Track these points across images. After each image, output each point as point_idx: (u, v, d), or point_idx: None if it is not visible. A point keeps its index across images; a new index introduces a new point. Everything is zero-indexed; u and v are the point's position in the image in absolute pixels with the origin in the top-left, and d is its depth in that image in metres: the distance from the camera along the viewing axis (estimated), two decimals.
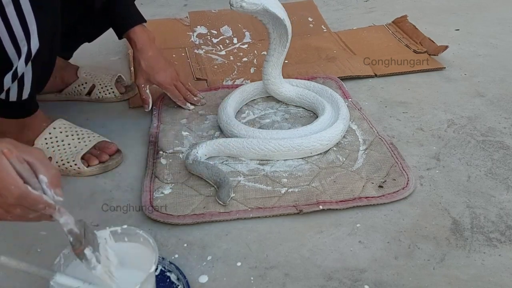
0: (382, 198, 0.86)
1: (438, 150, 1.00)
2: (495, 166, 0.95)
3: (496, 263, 0.75)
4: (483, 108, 1.15)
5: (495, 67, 1.34)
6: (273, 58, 1.06)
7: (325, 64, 1.34)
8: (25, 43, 0.78)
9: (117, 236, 0.66)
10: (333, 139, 0.98)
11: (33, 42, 0.79)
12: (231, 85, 1.26)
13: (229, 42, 1.50)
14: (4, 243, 0.80)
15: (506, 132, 1.05)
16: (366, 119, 1.08)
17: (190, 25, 1.61)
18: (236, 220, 0.83)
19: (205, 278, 0.73)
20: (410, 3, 1.84)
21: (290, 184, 0.90)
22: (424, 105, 1.17)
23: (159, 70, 1.09)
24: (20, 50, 0.78)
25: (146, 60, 1.07)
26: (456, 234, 0.80)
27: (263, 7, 0.94)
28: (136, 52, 1.08)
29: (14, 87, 0.84)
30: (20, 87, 0.85)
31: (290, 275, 0.73)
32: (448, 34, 1.54)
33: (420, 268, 0.74)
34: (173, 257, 0.77)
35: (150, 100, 1.11)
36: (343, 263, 0.75)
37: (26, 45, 0.78)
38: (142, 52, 1.07)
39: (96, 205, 0.87)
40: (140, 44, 1.07)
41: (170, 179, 0.92)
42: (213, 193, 0.88)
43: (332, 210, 0.84)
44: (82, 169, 0.93)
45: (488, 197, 0.88)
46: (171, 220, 0.82)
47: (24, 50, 0.78)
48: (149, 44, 1.08)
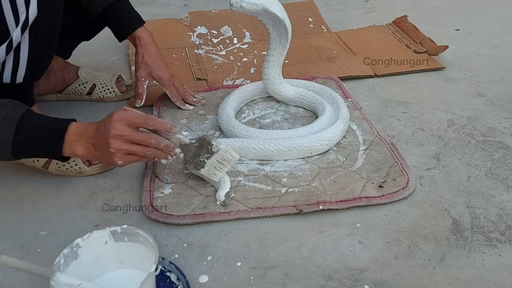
0: (382, 198, 0.86)
1: (438, 150, 1.00)
2: (495, 166, 0.95)
3: (496, 263, 0.75)
4: (483, 108, 1.15)
5: (495, 67, 1.34)
6: (273, 58, 1.06)
7: (325, 64, 1.34)
8: (24, 9, 0.77)
9: (117, 236, 0.66)
10: (333, 139, 0.98)
11: (32, 10, 0.78)
12: (231, 85, 1.26)
13: (229, 42, 1.51)
14: (4, 243, 0.80)
15: (506, 132, 1.06)
16: (366, 119, 1.08)
17: (190, 25, 1.61)
18: (236, 220, 0.83)
19: (205, 278, 0.73)
20: (410, 3, 1.84)
21: (290, 184, 0.90)
22: (424, 105, 1.17)
23: (161, 66, 1.11)
24: (18, 17, 0.77)
25: (149, 54, 1.09)
26: (456, 234, 0.80)
27: (263, 7, 0.94)
28: (139, 47, 1.09)
29: (9, 62, 0.82)
30: (15, 63, 0.83)
31: (290, 275, 0.73)
32: (448, 34, 1.54)
33: (420, 268, 0.74)
34: (173, 257, 0.77)
35: (144, 96, 1.12)
36: (343, 263, 0.75)
37: (25, 11, 0.77)
38: (146, 47, 1.09)
39: (96, 205, 0.87)
40: (144, 40, 1.09)
41: (170, 179, 0.92)
42: (213, 193, 0.88)
43: (332, 210, 0.84)
44: (83, 169, 0.93)
45: (488, 197, 0.88)
46: (171, 220, 0.82)
47: (22, 18, 0.77)
48: (153, 42, 1.10)
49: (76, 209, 0.86)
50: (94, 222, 0.83)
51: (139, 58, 1.10)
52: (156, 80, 1.12)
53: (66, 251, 0.63)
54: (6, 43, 0.79)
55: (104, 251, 0.66)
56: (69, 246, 0.63)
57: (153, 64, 1.10)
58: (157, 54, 1.11)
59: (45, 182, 0.93)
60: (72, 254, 0.63)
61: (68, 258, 0.63)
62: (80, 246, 0.64)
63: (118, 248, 0.66)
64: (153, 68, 1.10)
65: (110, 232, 0.66)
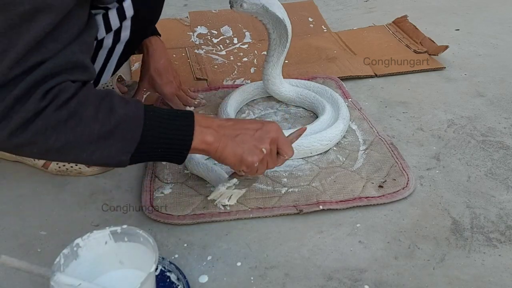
0: (382, 198, 0.86)
1: (438, 150, 1.00)
2: (495, 166, 0.95)
3: (496, 263, 0.75)
4: (483, 108, 1.15)
5: (495, 67, 1.34)
6: (273, 58, 1.06)
7: (325, 64, 1.34)
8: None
9: (117, 236, 0.66)
10: (333, 139, 0.98)
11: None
12: (231, 85, 1.26)
13: (229, 42, 1.51)
14: (4, 243, 0.80)
15: (506, 132, 1.05)
16: (366, 119, 1.08)
17: (190, 25, 1.61)
18: (236, 220, 0.83)
19: (205, 278, 0.73)
20: (410, 3, 1.84)
21: (290, 184, 0.90)
22: (424, 105, 1.17)
23: (166, 82, 1.08)
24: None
25: (156, 67, 1.06)
26: (456, 234, 0.80)
27: (263, 7, 0.94)
28: (147, 56, 1.06)
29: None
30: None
31: (290, 275, 0.73)
32: (448, 34, 1.54)
33: (420, 268, 0.74)
34: (173, 257, 0.77)
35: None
36: (343, 263, 0.75)
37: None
38: (153, 57, 1.06)
39: (96, 205, 0.87)
40: (153, 50, 1.06)
41: (170, 179, 0.92)
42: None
43: (332, 210, 0.84)
44: (84, 169, 0.94)
45: (488, 197, 0.88)
46: (171, 220, 0.82)
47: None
48: (163, 52, 1.07)
49: (76, 209, 0.86)
50: (94, 222, 0.83)
51: (145, 69, 1.07)
52: (159, 93, 1.10)
53: (66, 251, 0.63)
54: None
55: (104, 251, 0.66)
56: (69, 246, 0.63)
57: (158, 78, 1.07)
58: (165, 67, 1.07)
59: (45, 182, 0.93)
60: (72, 254, 0.63)
61: (68, 258, 0.63)
62: (80, 246, 0.64)
63: (118, 248, 0.66)
64: (158, 83, 1.07)
65: (110, 232, 0.66)
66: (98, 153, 0.62)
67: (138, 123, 0.64)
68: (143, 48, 1.07)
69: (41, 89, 0.57)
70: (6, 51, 0.55)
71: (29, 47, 0.56)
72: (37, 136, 0.58)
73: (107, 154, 0.63)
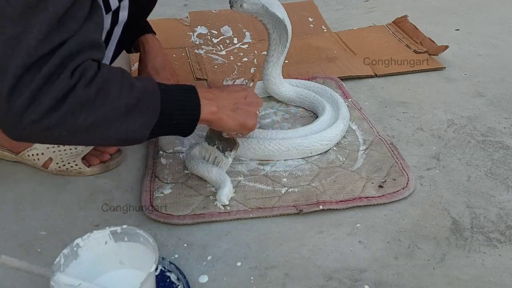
0: (382, 198, 0.86)
1: (438, 150, 1.00)
2: (495, 166, 0.95)
3: (496, 263, 0.75)
4: (483, 108, 1.15)
5: (495, 67, 1.34)
6: (273, 58, 1.06)
7: (325, 64, 1.34)
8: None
9: (117, 236, 0.66)
10: (333, 139, 0.98)
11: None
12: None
13: (229, 42, 1.51)
14: (4, 243, 0.80)
15: (506, 132, 1.05)
16: (366, 119, 1.08)
17: (190, 25, 1.61)
18: (236, 220, 0.83)
19: (205, 278, 0.73)
20: (410, 3, 1.84)
21: (290, 184, 0.90)
22: (424, 105, 1.17)
23: (164, 79, 1.07)
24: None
25: (154, 64, 1.06)
26: (456, 234, 0.80)
27: (263, 7, 0.94)
28: (144, 54, 1.06)
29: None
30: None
31: (290, 275, 0.73)
32: (448, 34, 1.54)
33: (420, 268, 0.74)
34: (173, 257, 0.77)
35: None
36: (343, 263, 0.75)
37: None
38: (150, 55, 1.06)
39: (96, 205, 0.87)
40: (149, 48, 1.06)
41: (170, 179, 0.92)
42: (213, 193, 0.88)
43: (332, 210, 0.84)
44: (84, 169, 0.94)
45: (488, 197, 0.88)
46: (171, 220, 0.82)
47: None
48: (160, 50, 1.07)
49: (76, 209, 0.86)
50: (94, 222, 0.83)
51: (142, 67, 1.07)
52: None
53: (66, 251, 0.63)
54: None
55: (104, 251, 0.66)
56: (69, 246, 0.63)
57: (156, 75, 1.06)
58: (162, 65, 1.07)
59: (45, 182, 0.93)
60: (72, 254, 0.63)
61: (68, 258, 0.63)
62: (80, 246, 0.64)
63: (118, 248, 0.66)
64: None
65: (110, 232, 0.66)
66: (124, 128, 0.63)
67: (156, 95, 0.67)
68: (140, 46, 1.07)
69: (68, 68, 0.57)
70: (25, 32, 0.55)
71: (51, 26, 0.56)
72: (67, 115, 0.58)
73: (132, 129, 0.64)
